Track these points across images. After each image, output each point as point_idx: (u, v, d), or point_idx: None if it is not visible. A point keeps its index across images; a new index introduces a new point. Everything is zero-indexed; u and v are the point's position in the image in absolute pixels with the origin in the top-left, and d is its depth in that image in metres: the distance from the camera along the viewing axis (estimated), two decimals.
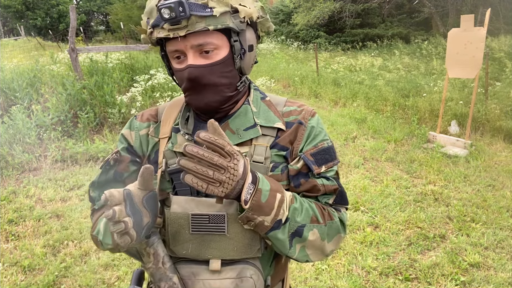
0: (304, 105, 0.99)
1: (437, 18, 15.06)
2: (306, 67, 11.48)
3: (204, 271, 0.86)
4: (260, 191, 0.78)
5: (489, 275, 2.64)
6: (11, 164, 4.47)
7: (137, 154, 0.99)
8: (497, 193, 3.84)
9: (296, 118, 0.94)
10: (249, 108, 0.94)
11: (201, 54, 0.83)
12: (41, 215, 3.53)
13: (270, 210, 0.79)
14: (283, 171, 0.91)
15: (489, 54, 7.85)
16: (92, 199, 1.00)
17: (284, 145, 0.92)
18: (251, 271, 0.85)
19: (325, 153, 0.93)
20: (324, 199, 0.92)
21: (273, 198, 0.80)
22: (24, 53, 15.58)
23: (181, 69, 0.84)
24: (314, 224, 0.86)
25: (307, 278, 2.64)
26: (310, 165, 0.90)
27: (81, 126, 5.36)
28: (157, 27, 0.81)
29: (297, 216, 0.84)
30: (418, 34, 15.40)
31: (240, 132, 0.90)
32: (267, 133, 0.91)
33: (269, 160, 0.89)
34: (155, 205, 0.78)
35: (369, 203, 3.67)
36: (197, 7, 0.77)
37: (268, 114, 0.94)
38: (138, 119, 1.02)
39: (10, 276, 2.71)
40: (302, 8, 16.81)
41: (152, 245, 0.84)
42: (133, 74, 7.81)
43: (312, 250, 0.87)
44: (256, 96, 0.97)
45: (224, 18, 0.80)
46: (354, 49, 15.52)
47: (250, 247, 0.86)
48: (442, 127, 5.71)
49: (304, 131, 0.93)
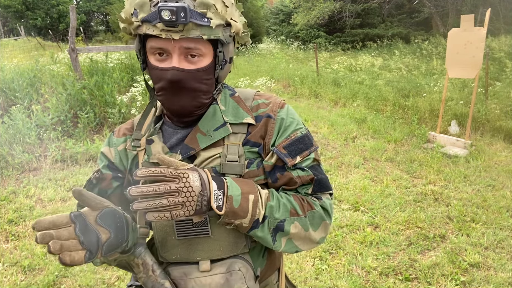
0: (272, 96, 0.99)
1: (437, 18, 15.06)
2: (306, 67, 11.48)
3: (195, 271, 0.88)
4: (231, 197, 0.81)
5: (489, 275, 2.64)
6: (11, 164, 4.47)
7: (118, 170, 1.00)
8: (497, 193, 3.84)
9: (264, 111, 0.94)
10: (217, 107, 0.94)
11: (186, 58, 0.83)
12: (41, 215, 3.53)
13: (245, 213, 0.82)
14: (259, 166, 0.92)
15: (489, 54, 7.86)
16: None
17: (256, 141, 0.92)
18: (239, 264, 0.88)
19: (299, 142, 0.93)
20: (303, 189, 0.93)
21: (246, 201, 0.82)
22: (24, 53, 15.59)
23: (163, 69, 0.83)
24: (294, 217, 0.88)
25: (307, 278, 2.64)
26: (283, 158, 0.90)
27: (81, 126, 5.36)
28: (148, 23, 0.80)
29: (275, 212, 0.86)
30: (418, 34, 15.41)
31: (211, 133, 0.91)
32: (238, 130, 0.92)
33: (243, 157, 0.90)
34: (113, 220, 0.75)
35: (369, 203, 3.67)
36: (196, 15, 0.79)
37: (237, 111, 0.94)
38: (115, 135, 1.03)
39: (10, 276, 2.71)
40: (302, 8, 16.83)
41: (140, 256, 0.85)
42: (133, 74, 7.80)
43: (299, 241, 0.90)
44: (224, 94, 0.98)
45: (218, 30, 0.82)
46: (354, 49, 15.53)
47: (236, 245, 0.89)
48: (442, 127, 5.71)
49: (274, 124, 0.93)
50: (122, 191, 0.99)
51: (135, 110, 5.99)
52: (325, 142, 5.45)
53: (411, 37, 15.44)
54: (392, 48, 13.77)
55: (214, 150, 0.90)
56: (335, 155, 4.99)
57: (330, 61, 12.33)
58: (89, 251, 0.70)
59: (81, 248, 0.69)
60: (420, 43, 13.61)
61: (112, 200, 0.98)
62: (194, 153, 0.90)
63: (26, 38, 24.74)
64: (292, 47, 16.57)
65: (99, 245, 0.72)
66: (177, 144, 0.93)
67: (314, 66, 11.12)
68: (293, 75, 9.81)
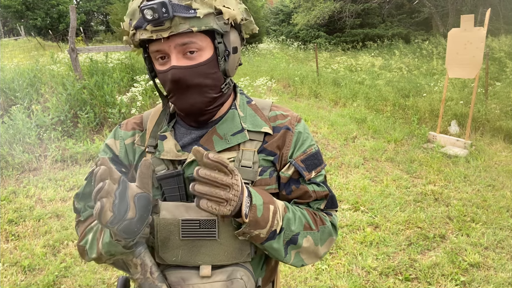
0: (289, 110, 1.00)
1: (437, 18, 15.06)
2: (306, 67, 11.48)
3: (194, 276, 0.85)
4: (255, 206, 0.79)
5: (489, 275, 2.64)
6: (11, 164, 4.47)
7: (122, 164, 0.97)
8: (497, 193, 3.84)
9: (282, 123, 0.95)
10: (236, 113, 0.93)
11: (185, 55, 0.82)
12: (41, 215, 3.53)
13: (266, 223, 0.80)
14: (272, 175, 0.92)
15: (489, 54, 7.86)
16: (77, 210, 0.98)
17: (272, 150, 0.92)
18: (241, 273, 0.85)
19: (314, 158, 0.95)
20: (316, 204, 0.94)
21: (267, 211, 0.81)
22: (24, 53, 15.59)
23: (164, 71, 0.83)
24: (308, 231, 0.88)
25: (307, 278, 2.64)
26: (301, 171, 0.91)
27: (81, 126, 5.36)
28: (139, 28, 0.79)
29: (292, 225, 0.85)
30: (418, 34, 15.42)
31: (228, 137, 0.90)
32: (254, 137, 0.91)
33: (257, 164, 0.89)
34: (144, 207, 0.76)
35: (369, 203, 3.67)
36: (180, 8, 0.77)
37: (255, 119, 0.94)
38: (122, 128, 1.00)
39: (10, 276, 2.71)
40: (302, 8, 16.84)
41: (139, 256, 0.82)
42: (133, 74, 7.80)
43: (306, 255, 0.89)
44: (242, 101, 0.97)
45: (208, 20, 0.79)
46: (354, 49, 15.54)
47: (240, 252, 0.86)
48: (442, 127, 5.71)
49: (292, 137, 0.94)
50: None
51: (135, 110, 5.98)
52: (325, 142, 5.45)
53: (411, 37, 15.45)
54: (392, 48, 13.77)
55: (229, 154, 0.89)
56: (335, 155, 4.99)
57: (330, 61, 12.33)
58: (114, 217, 0.70)
59: (110, 209, 0.70)
60: (420, 43, 13.62)
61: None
62: None
63: (26, 38, 24.76)
64: (292, 47, 16.57)
65: (123, 218, 0.72)
66: (190, 143, 0.92)
67: (314, 66, 11.12)
68: (293, 75, 9.81)
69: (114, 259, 0.86)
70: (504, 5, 13.22)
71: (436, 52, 11.45)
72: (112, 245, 0.81)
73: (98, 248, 0.86)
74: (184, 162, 0.89)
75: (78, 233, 0.97)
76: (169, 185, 0.87)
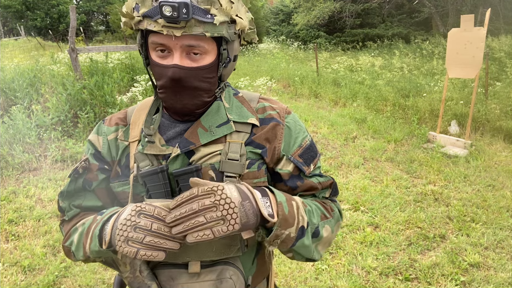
0: (277, 102, 0.98)
1: (437, 18, 15.06)
2: (306, 67, 11.47)
3: (183, 275, 0.84)
4: (281, 204, 0.77)
5: (489, 275, 2.63)
6: (11, 164, 4.47)
7: (105, 161, 0.95)
8: (497, 193, 3.84)
9: (270, 114, 0.93)
10: (221, 104, 0.91)
11: (188, 55, 0.81)
12: (41, 215, 3.53)
13: (293, 219, 0.79)
14: (260, 168, 0.90)
15: (489, 54, 7.86)
16: (62, 209, 0.97)
17: (260, 142, 0.90)
18: (230, 272, 0.84)
19: (309, 150, 0.94)
20: (321, 194, 0.95)
21: (292, 207, 0.80)
22: (24, 53, 15.60)
23: (165, 66, 0.81)
24: (324, 220, 0.89)
25: (307, 278, 2.64)
26: (301, 167, 0.92)
27: (81, 126, 5.36)
28: (149, 18, 0.77)
29: (313, 218, 0.85)
30: (418, 34, 15.40)
31: (213, 129, 0.88)
32: (241, 129, 0.89)
33: (244, 157, 0.87)
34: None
35: (369, 203, 3.67)
36: (199, 11, 0.76)
37: (241, 110, 0.92)
38: (106, 124, 0.98)
39: (10, 276, 2.71)
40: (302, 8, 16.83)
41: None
42: (133, 74, 7.81)
43: (322, 245, 0.90)
44: (228, 92, 0.96)
45: (222, 27, 0.79)
46: (354, 49, 15.52)
47: (229, 247, 0.85)
48: (442, 127, 5.71)
49: (282, 130, 0.92)
50: (108, 184, 0.95)
51: None
52: (325, 142, 5.45)
53: (411, 37, 15.42)
54: (392, 48, 13.76)
55: (215, 147, 0.87)
56: (335, 155, 4.99)
57: (330, 61, 12.32)
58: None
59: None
60: (420, 43, 13.60)
61: (98, 195, 0.95)
62: (193, 148, 0.87)
63: (26, 38, 24.76)
64: (292, 47, 16.55)
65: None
66: (174, 137, 0.90)
67: (314, 66, 11.12)
68: (293, 75, 9.81)
69: (103, 258, 0.85)
70: (504, 5, 13.21)
71: (436, 52, 11.44)
72: (101, 252, 0.81)
73: (85, 252, 0.85)
74: (169, 157, 0.87)
75: (63, 233, 0.96)
76: (154, 181, 0.85)
